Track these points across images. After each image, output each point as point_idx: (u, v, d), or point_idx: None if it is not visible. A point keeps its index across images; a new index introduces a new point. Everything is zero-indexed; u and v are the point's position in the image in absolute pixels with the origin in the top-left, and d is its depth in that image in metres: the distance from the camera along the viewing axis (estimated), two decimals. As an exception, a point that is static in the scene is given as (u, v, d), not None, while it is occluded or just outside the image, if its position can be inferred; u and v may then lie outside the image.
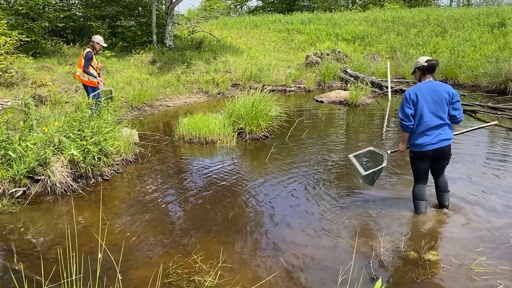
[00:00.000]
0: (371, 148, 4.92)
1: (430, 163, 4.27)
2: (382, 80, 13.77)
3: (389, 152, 4.72)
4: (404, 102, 4.15)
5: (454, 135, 4.36)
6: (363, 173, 4.53)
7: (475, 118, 9.32)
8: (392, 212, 4.47)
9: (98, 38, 7.48)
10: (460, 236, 3.97)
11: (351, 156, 4.84)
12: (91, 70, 7.42)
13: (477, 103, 10.41)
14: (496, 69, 12.64)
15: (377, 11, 25.91)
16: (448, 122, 4.14)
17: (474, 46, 16.75)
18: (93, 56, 7.44)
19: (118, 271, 2.52)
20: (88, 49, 7.38)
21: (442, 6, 35.69)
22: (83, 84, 7.62)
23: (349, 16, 24.06)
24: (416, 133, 4.16)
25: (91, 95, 7.24)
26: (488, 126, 6.74)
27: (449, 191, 4.44)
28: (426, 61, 4.12)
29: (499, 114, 9.33)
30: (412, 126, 4.15)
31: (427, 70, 4.15)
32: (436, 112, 4.06)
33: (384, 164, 4.51)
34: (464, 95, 11.66)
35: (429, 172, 4.37)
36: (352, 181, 5.41)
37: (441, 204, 4.47)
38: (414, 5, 30.68)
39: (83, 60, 7.36)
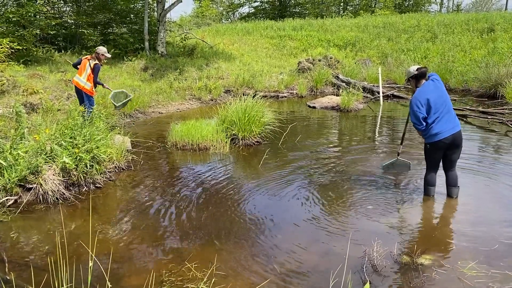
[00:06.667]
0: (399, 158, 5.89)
1: (444, 153, 4.66)
2: (373, 86, 13.88)
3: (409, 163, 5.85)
4: (415, 109, 4.52)
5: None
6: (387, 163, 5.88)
7: (465, 123, 9.42)
8: (385, 217, 4.49)
9: (102, 50, 7.70)
10: (452, 240, 4.00)
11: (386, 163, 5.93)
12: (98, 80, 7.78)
13: (468, 107, 10.53)
14: (486, 73, 12.82)
15: (368, 17, 26.18)
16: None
17: (464, 51, 16.98)
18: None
19: (107, 279, 2.50)
20: (95, 61, 7.55)
21: (432, 12, 36.19)
22: (78, 91, 7.58)
23: (340, 22, 24.27)
24: (434, 125, 4.54)
25: (86, 102, 7.30)
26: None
27: (458, 186, 4.79)
28: (416, 70, 4.65)
29: (489, 119, 9.45)
30: (424, 128, 4.57)
31: (420, 76, 4.66)
32: (445, 102, 4.53)
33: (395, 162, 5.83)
34: (455, 100, 11.79)
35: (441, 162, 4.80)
36: (345, 187, 5.43)
37: (449, 196, 4.85)
38: (404, 11, 31.06)
39: (88, 70, 7.47)
